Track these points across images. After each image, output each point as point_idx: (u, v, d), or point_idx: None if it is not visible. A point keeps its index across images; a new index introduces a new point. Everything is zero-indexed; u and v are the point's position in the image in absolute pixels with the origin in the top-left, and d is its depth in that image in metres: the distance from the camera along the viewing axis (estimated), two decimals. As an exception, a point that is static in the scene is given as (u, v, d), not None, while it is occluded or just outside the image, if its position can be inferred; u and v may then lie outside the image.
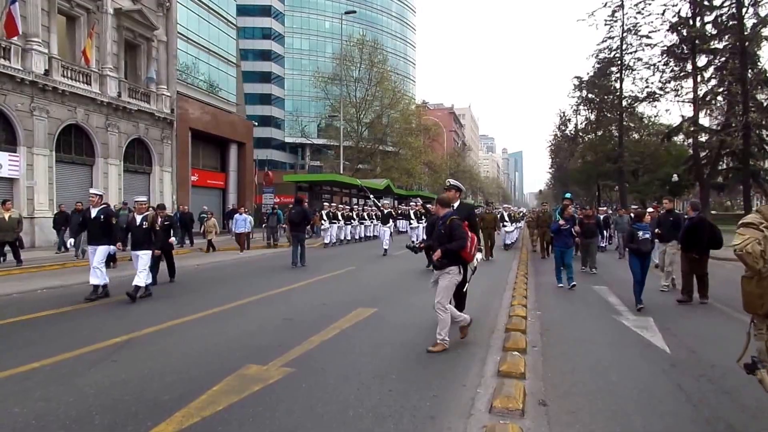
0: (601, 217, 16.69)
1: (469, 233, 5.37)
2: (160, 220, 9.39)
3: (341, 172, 35.66)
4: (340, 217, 21.18)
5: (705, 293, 8.11)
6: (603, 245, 15.84)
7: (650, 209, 19.15)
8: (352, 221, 22.56)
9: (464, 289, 5.87)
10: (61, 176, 18.71)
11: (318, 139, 54.56)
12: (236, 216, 18.42)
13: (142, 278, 7.97)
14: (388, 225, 17.82)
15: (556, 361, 4.97)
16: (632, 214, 10.64)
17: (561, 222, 9.84)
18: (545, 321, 6.76)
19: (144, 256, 8.09)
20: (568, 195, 12.70)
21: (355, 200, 31.61)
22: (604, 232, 15.84)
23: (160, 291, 9.02)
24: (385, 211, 18.62)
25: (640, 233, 7.76)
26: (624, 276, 11.31)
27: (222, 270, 12.66)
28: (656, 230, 9.44)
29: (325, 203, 22.84)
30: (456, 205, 6.06)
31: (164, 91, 23.89)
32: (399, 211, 26.68)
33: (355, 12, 45.72)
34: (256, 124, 39.12)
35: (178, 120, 24.75)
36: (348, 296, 8.33)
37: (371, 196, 22.26)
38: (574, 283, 9.42)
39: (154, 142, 23.45)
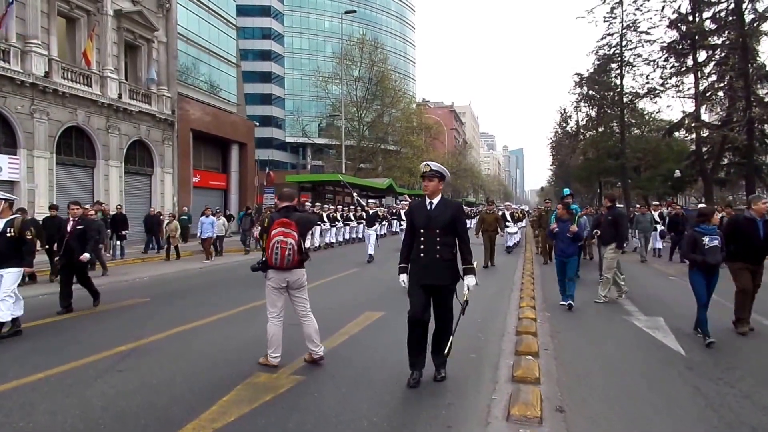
0: None
1: (272, 235, 4.38)
2: (71, 224, 7.57)
3: (343, 171, 35.51)
4: (325, 219, 19.60)
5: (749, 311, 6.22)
6: None
7: (655, 203, 18.77)
8: (337, 223, 20.86)
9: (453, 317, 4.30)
10: (62, 179, 18.62)
11: (319, 139, 54.45)
12: (201, 219, 15.09)
13: (5, 308, 5.87)
14: (374, 227, 15.43)
15: (569, 365, 4.90)
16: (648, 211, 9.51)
17: (553, 225, 8.16)
18: (555, 323, 6.66)
19: (8, 276, 5.99)
20: (567, 191, 11.42)
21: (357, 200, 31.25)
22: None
23: (160, 297, 8.94)
24: (371, 211, 16.16)
25: (706, 239, 5.67)
26: (632, 274, 11.19)
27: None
28: (595, 231, 8.56)
29: (308, 203, 20.43)
30: (436, 201, 4.26)
31: (165, 92, 23.80)
32: (394, 211, 25.45)
33: (355, 11, 45.56)
34: (257, 124, 38.98)
35: (179, 121, 24.65)
36: (353, 300, 8.23)
37: (354, 193, 20.88)
38: (571, 302, 7.53)
39: (155, 144, 23.36)
